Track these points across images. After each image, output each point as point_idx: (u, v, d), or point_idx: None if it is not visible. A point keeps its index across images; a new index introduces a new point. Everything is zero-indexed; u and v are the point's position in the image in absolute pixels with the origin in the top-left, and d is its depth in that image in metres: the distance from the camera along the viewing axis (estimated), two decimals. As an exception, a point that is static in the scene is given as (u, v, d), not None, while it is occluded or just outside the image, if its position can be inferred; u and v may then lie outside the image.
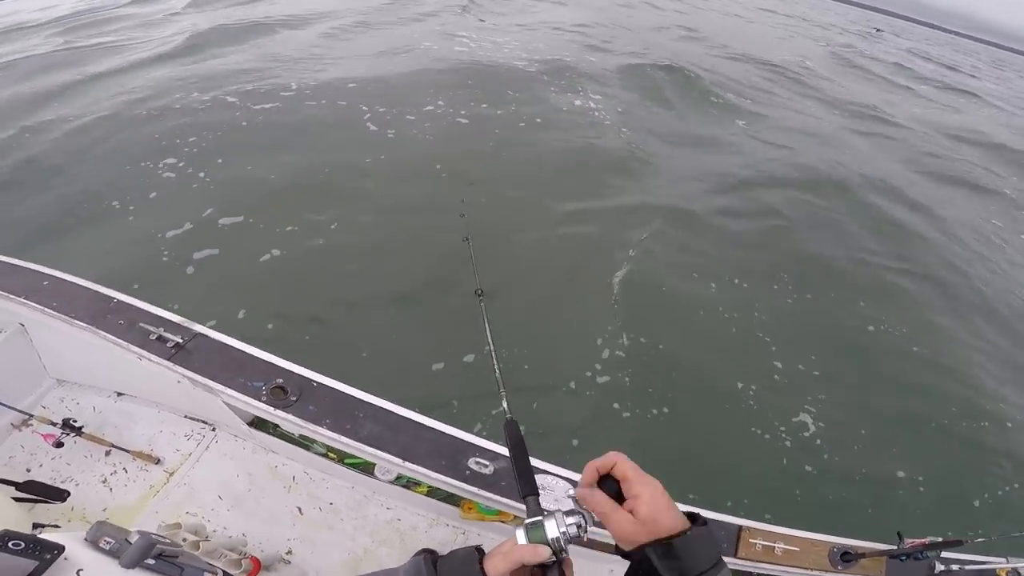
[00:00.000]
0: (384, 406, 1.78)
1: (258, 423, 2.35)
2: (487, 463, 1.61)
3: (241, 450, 2.56)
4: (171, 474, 2.52)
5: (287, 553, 2.25)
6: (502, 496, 1.57)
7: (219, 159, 6.11)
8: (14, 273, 2.38)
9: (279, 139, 6.69)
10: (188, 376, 1.92)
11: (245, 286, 4.43)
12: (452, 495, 2.03)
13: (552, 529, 0.78)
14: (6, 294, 2.27)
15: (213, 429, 2.65)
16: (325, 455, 2.27)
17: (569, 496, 0.82)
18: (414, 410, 1.81)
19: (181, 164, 6.00)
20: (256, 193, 5.59)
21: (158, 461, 2.55)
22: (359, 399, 1.80)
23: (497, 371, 1.31)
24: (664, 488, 0.78)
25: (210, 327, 2.13)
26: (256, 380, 1.87)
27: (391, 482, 2.14)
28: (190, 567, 1.48)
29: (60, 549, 1.31)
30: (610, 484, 0.82)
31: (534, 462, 1.67)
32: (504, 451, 1.65)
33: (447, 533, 2.25)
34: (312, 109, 7.62)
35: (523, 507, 1.53)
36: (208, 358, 1.96)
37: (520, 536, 0.79)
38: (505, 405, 1.19)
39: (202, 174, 5.85)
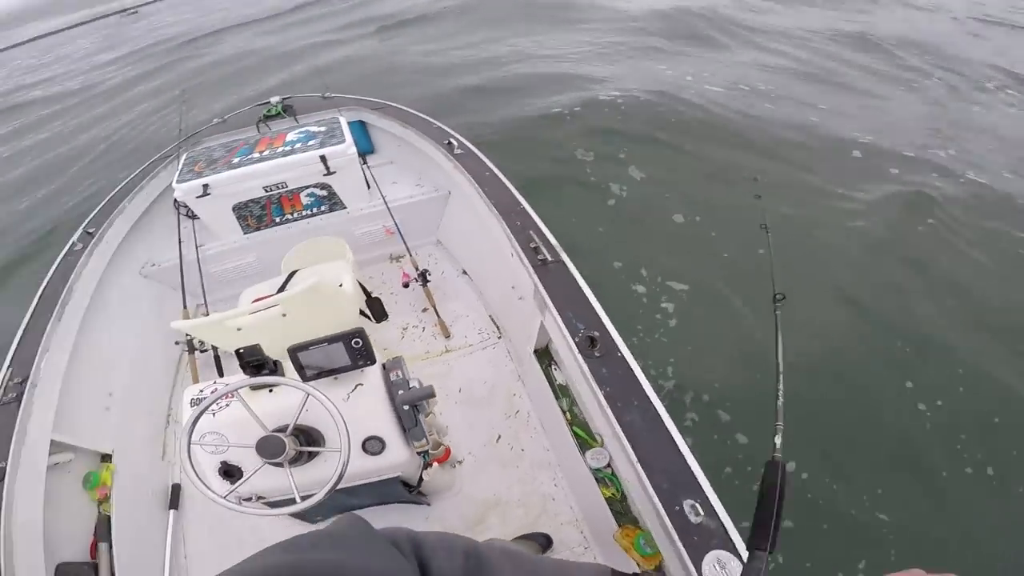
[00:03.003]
0: (657, 407, 1.72)
1: (540, 353, 2.56)
2: (700, 512, 1.46)
3: (503, 367, 2.89)
4: (446, 351, 3.01)
5: (459, 462, 2.51)
6: (685, 548, 1.41)
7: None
8: (473, 158, 3.08)
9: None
10: (537, 287, 2.18)
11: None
12: (623, 513, 1.96)
13: None
14: (460, 167, 2.98)
15: (499, 337, 3.04)
16: (564, 412, 2.33)
17: None
18: (676, 423, 1.71)
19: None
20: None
21: (448, 336, 3.07)
22: (643, 389, 1.78)
23: (780, 398, 1.15)
24: None
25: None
26: (580, 321, 2.00)
27: (592, 469, 2.11)
28: (420, 426, 1.73)
29: (373, 362, 1.62)
30: None
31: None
32: (723, 513, 1.47)
33: (575, 538, 2.23)
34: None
35: (692, 569, 1.37)
36: (557, 282, 2.19)
37: None
38: (777, 441, 1.05)
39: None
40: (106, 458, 2.39)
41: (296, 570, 0.55)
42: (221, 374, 2.78)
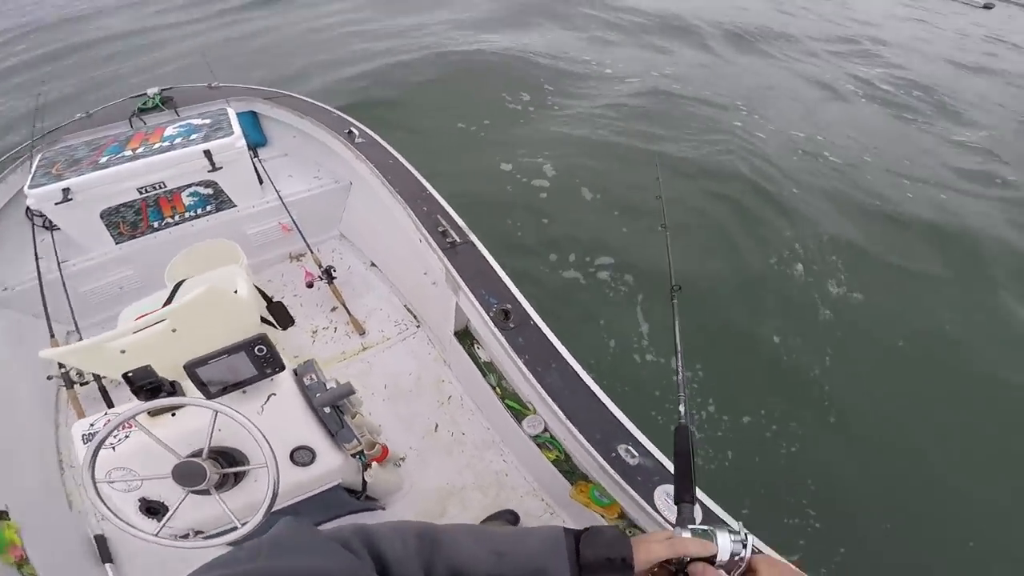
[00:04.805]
0: (574, 366, 1.87)
1: (461, 334, 2.56)
2: (635, 454, 1.62)
3: (426, 355, 2.82)
4: (364, 349, 2.88)
5: (401, 459, 2.44)
6: (633, 488, 1.56)
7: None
8: (376, 147, 3.02)
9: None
10: (448, 269, 2.23)
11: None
12: (572, 471, 2.05)
13: (724, 542, 0.75)
14: (362, 156, 2.90)
15: (418, 326, 2.96)
16: (493, 388, 2.37)
17: None
18: (595, 381, 1.86)
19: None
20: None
21: (363, 333, 2.93)
22: (558, 351, 1.91)
23: (680, 374, 1.25)
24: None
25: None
26: (493, 296, 2.10)
27: (532, 437, 2.17)
28: (348, 428, 1.64)
29: (282, 369, 1.49)
30: None
31: None
32: (655, 451, 1.66)
33: (538, 506, 2.28)
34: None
35: (645, 505, 1.50)
36: (467, 262, 2.26)
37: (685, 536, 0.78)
38: (682, 409, 1.14)
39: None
40: (3, 515, 2.05)
41: None
42: (111, 405, 2.45)
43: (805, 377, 3.62)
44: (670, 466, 1.58)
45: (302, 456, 1.57)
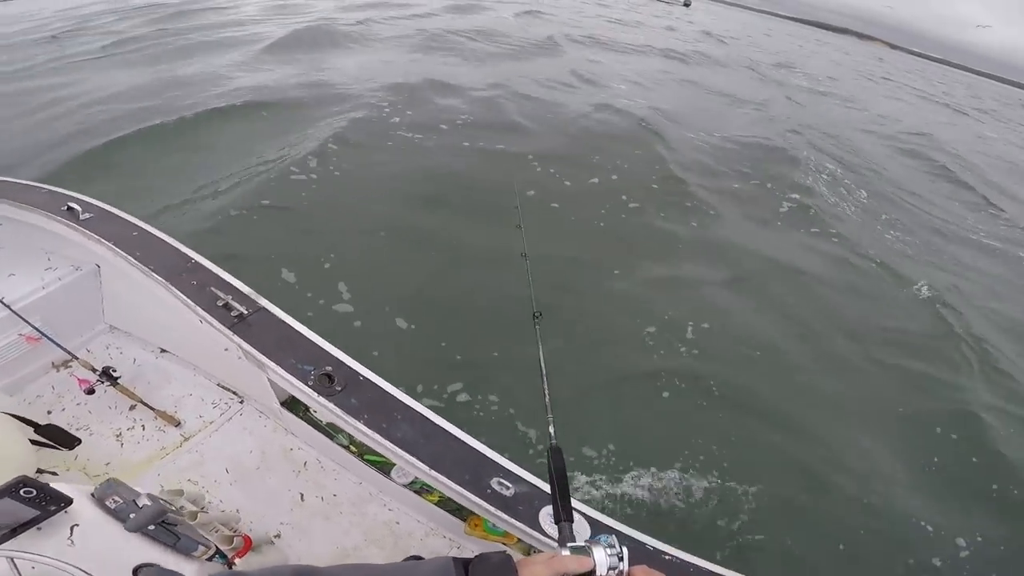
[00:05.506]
0: (422, 412, 1.77)
1: (290, 403, 2.33)
2: (509, 485, 1.59)
3: (262, 427, 2.53)
4: (186, 439, 2.50)
5: (276, 536, 2.21)
6: (516, 519, 1.54)
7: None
8: (110, 220, 2.51)
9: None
10: (242, 347, 1.94)
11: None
12: (460, 508, 1.98)
13: (601, 557, 0.79)
14: (95, 236, 2.38)
15: (241, 401, 2.64)
16: (347, 447, 2.22)
17: None
18: (449, 421, 1.78)
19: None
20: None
21: (178, 424, 2.54)
22: (400, 400, 1.79)
23: (547, 397, 1.30)
24: None
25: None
26: (307, 363, 1.87)
27: (405, 485, 2.09)
28: (186, 537, 1.45)
29: (68, 502, 1.28)
30: None
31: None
32: (527, 476, 1.65)
33: (442, 544, 2.19)
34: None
35: (534, 533, 1.49)
36: (265, 333, 1.99)
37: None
38: (552, 431, 1.18)
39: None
40: None
41: None
42: None
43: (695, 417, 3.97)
44: (546, 486, 1.59)
45: (149, 573, 1.39)
